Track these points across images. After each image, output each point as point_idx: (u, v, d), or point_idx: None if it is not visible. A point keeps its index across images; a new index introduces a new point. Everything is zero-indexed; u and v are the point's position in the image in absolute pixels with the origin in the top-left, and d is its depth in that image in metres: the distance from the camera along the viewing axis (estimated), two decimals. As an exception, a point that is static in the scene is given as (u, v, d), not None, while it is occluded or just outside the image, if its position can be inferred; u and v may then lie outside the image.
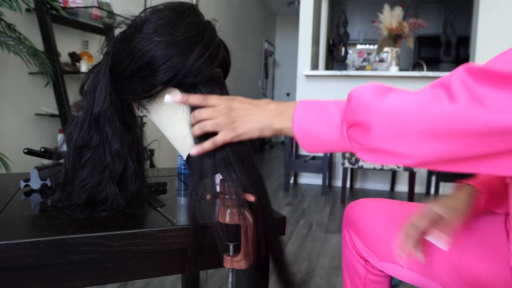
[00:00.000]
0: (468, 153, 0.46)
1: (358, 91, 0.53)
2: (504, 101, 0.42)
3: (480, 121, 0.43)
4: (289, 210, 2.90)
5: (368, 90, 0.52)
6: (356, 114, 0.52)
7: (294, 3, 6.95)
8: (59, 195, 0.68)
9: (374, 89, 0.52)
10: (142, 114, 0.72)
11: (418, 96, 0.48)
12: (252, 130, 0.61)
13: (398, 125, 0.48)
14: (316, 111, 0.57)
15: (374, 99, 0.51)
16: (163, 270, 0.64)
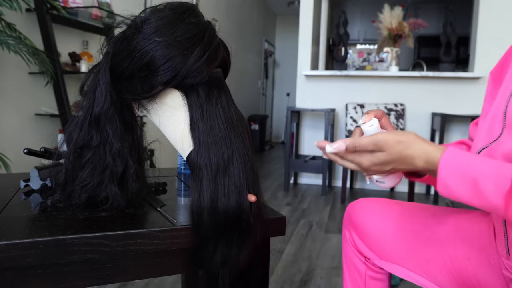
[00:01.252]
0: None
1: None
2: None
3: None
4: (289, 210, 2.90)
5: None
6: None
7: (294, 3, 6.94)
8: (59, 195, 0.67)
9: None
10: (142, 114, 0.72)
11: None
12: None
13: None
14: (466, 182, 0.52)
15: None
16: (163, 270, 0.64)
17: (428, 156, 0.55)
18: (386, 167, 0.59)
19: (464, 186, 0.52)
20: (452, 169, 0.53)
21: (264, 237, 0.65)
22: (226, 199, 0.61)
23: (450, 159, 0.54)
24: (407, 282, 1.71)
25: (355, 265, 0.91)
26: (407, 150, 0.56)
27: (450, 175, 0.53)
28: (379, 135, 0.58)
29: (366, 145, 0.58)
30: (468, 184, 0.52)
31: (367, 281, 0.89)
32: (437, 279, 0.77)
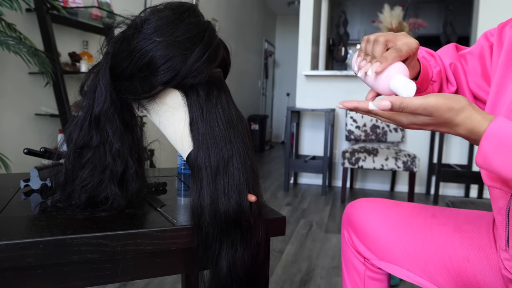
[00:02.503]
0: None
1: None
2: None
3: None
4: (289, 210, 2.90)
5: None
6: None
7: (294, 3, 6.95)
8: (59, 195, 0.67)
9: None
10: (142, 114, 0.72)
11: None
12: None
13: None
14: (507, 155, 0.51)
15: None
16: (163, 270, 0.64)
17: (474, 127, 0.53)
18: (426, 128, 0.57)
19: (505, 162, 0.51)
20: (494, 143, 0.52)
21: (264, 237, 0.65)
22: (226, 199, 0.61)
23: (494, 132, 0.52)
24: (407, 282, 1.71)
25: (354, 265, 0.91)
26: (456, 118, 0.54)
27: (492, 147, 0.52)
28: (430, 98, 0.53)
29: (415, 109, 0.54)
30: (509, 156, 0.51)
31: (366, 281, 0.89)
32: (437, 279, 0.77)
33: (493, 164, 0.52)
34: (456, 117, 0.54)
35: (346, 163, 3.15)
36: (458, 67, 0.80)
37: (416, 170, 3.00)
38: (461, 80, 0.79)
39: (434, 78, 0.78)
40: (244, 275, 0.62)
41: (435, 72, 0.78)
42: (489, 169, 0.53)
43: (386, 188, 3.76)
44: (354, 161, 3.13)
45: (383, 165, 3.07)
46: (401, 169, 3.03)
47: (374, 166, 3.09)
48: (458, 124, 0.54)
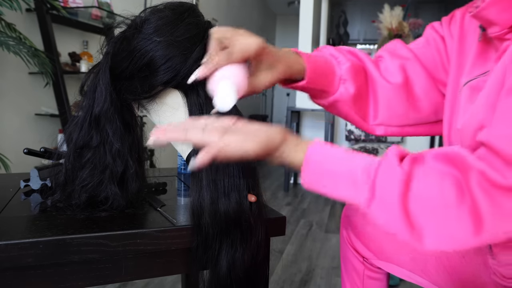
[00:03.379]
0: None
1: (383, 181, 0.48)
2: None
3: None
4: (289, 210, 2.90)
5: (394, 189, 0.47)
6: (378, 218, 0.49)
7: (294, 3, 6.94)
8: (59, 195, 0.67)
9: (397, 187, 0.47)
10: (142, 114, 0.72)
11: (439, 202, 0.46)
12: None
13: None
14: (327, 177, 0.52)
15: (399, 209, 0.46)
16: (163, 270, 0.64)
17: (288, 161, 0.54)
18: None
19: (327, 188, 0.52)
20: (312, 171, 0.52)
21: (264, 237, 0.65)
22: (226, 199, 0.61)
23: (311, 161, 0.52)
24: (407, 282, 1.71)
25: (353, 264, 0.90)
26: (273, 154, 0.54)
27: (311, 176, 0.52)
28: (249, 146, 0.51)
29: (238, 158, 0.52)
30: (331, 186, 0.52)
31: (365, 281, 0.89)
32: (436, 279, 0.77)
33: (318, 190, 0.53)
34: (272, 156, 0.53)
35: (346, 163, 3.14)
36: (410, 62, 0.76)
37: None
38: (418, 73, 0.76)
39: (344, 76, 0.72)
40: (244, 275, 0.62)
41: (344, 69, 0.72)
42: (318, 192, 0.54)
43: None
44: (354, 161, 3.12)
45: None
46: (401, 169, 3.02)
47: (374, 166, 3.09)
48: (274, 160, 0.54)
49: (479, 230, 0.43)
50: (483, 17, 0.58)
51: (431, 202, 0.46)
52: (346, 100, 0.73)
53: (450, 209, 0.44)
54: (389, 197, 0.47)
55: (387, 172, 0.48)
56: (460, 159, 0.47)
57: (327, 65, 0.71)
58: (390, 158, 0.50)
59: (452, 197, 0.45)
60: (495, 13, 0.55)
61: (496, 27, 0.56)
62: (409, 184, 0.46)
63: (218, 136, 0.51)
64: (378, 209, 0.48)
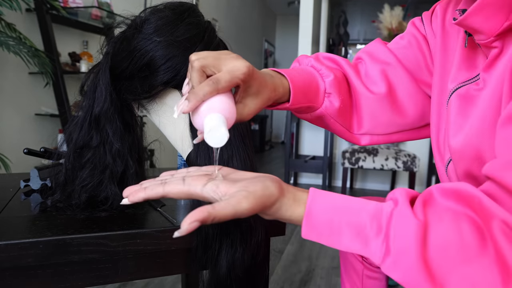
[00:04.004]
0: None
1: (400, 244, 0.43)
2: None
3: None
4: (289, 210, 2.90)
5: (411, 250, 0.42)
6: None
7: (294, 3, 6.95)
8: (59, 195, 0.67)
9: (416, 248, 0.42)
10: (142, 114, 0.72)
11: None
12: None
13: None
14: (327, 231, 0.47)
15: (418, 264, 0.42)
16: (163, 270, 0.64)
17: (285, 218, 0.48)
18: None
19: (335, 245, 0.47)
20: (316, 230, 0.47)
21: (264, 237, 0.65)
22: (226, 199, 0.61)
23: (312, 225, 0.47)
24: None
25: (352, 264, 0.91)
26: (268, 211, 0.47)
27: (316, 237, 0.47)
28: (243, 205, 0.44)
29: (229, 218, 0.45)
30: (338, 244, 0.47)
31: (364, 280, 0.89)
32: None
33: (323, 243, 0.48)
34: (269, 211, 0.47)
35: (346, 163, 3.15)
36: (392, 67, 0.74)
37: (416, 170, 3.00)
38: (400, 79, 0.74)
39: (328, 89, 0.69)
40: (243, 275, 0.63)
41: (328, 82, 0.69)
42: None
43: (386, 188, 3.75)
44: (354, 161, 3.12)
45: (383, 165, 3.06)
46: (401, 169, 3.03)
47: (374, 166, 3.09)
48: (269, 215, 0.48)
49: (508, 280, 0.40)
50: (467, 26, 0.54)
51: (451, 250, 0.42)
52: (331, 113, 0.71)
53: (473, 260, 0.41)
54: (406, 250, 0.43)
55: (400, 222, 0.44)
56: (473, 199, 0.43)
57: (310, 80, 0.68)
58: (401, 206, 0.45)
59: (473, 244, 0.41)
60: (480, 22, 0.52)
61: (481, 35, 0.53)
62: (426, 235, 0.43)
63: (201, 184, 0.45)
64: (394, 264, 0.44)
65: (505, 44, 0.52)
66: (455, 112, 0.60)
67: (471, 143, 0.54)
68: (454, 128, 0.59)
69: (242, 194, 0.44)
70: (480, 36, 0.54)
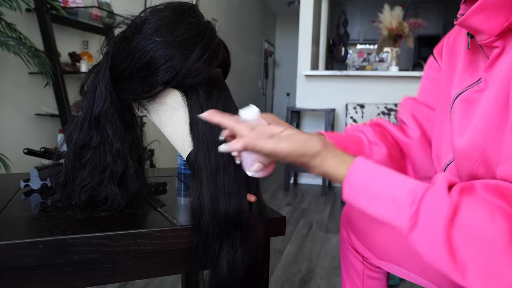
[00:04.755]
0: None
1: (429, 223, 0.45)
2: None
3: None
4: (289, 210, 2.90)
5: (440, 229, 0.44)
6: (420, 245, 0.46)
7: (294, 3, 6.94)
8: (59, 195, 0.67)
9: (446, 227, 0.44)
10: (142, 114, 0.72)
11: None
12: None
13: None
14: (370, 207, 0.51)
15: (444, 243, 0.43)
16: (163, 270, 0.64)
17: (329, 171, 0.55)
18: (283, 161, 0.57)
19: (370, 207, 0.51)
20: (356, 189, 0.52)
21: (264, 237, 0.65)
22: (226, 199, 0.61)
23: (354, 179, 0.52)
24: (407, 282, 1.71)
25: (353, 264, 0.91)
26: (309, 162, 0.55)
27: (355, 193, 0.52)
28: (283, 144, 0.53)
29: (268, 153, 0.55)
30: (374, 206, 0.51)
31: (364, 280, 0.89)
32: (435, 278, 0.77)
33: (359, 206, 0.53)
34: (310, 162, 0.55)
35: (346, 163, 3.14)
36: (424, 123, 0.79)
37: (416, 170, 2.99)
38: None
39: (371, 138, 0.78)
40: (244, 275, 0.63)
41: (369, 133, 0.78)
42: (359, 209, 0.54)
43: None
44: (354, 161, 3.12)
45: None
46: (401, 169, 3.02)
47: (374, 166, 3.09)
48: (313, 167, 0.55)
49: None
50: (468, 26, 0.56)
51: (478, 235, 0.42)
52: (381, 160, 0.75)
53: (499, 250, 0.41)
54: (433, 225, 0.44)
55: (434, 199, 0.46)
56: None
57: (350, 136, 0.74)
58: (438, 185, 0.47)
59: (503, 236, 0.41)
60: (480, 21, 0.53)
61: (483, 35, 0.54)
62: (456, 214, 0.44)
63: (265, 138, 0.54)
64: (420, 236, 0.46)
65: (506, 43, 0.52)
66: (459, 115, 0.61)
67: (476, 143, 0.54)
68: (458, 130, 0.60)
69: (285, 135, 0.53)
70: (481, 36, 0.55)
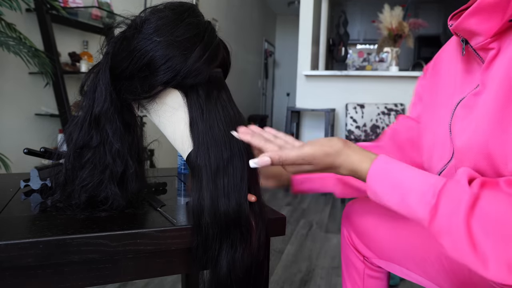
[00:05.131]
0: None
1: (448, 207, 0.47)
2: None
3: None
4: (289, 210, 2.90)
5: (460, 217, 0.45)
6: (441, 237, 0.48)
7: (294, 3, 6.94)
8: (59, 195, 0.67)
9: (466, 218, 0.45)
10: (142, 114, 0.72)
11: None
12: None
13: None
14: (394, 196, 0.54)
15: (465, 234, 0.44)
16: (163, 270, 0.64)
17: (354, 167, 0.58)
18: (310, 172, 0.61)
19: (393, 199, 0.54)
20: (380, 181, 0.55)
21: (264, 237, 0.65)
22: (226, 199, 0.61)
23: (377, 172, 0.56)
24: (407, 282, 1.71)
25: (354, 263, 0.91)
26: (335, 161, 0.59)
27: (378, 186, 0.55)
28: (306, 148, 0.58)
29: (294, 160, 0.58)
30: (396, 197, 0.53)
31: (365, 280, 0.89)
32: (435, 278, 0.77)
33: (383, 201, 0.56)
34: (336, 161, 0.58)
35: (346, 163, 3.14)
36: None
37: (416, 170, 2.99)
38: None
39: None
40: (244, 275, 0.62)
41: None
42: (381, 203, 0.57)
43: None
44: (354, 161, 3.12)
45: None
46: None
47: (374, 166, 3.09)
48: (339, 166, 0.58)
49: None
50: (465, 29, 0.56)
51: (499, 225, 0.43)
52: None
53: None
54: (453, 214, 0.45)
55: (454, 189, 0.47)
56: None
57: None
58: (459, 177, 0.48)
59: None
60: (476, 23, 0.54)
61: (479, 37, 0.55)
62: (476, 204, 0.44)
63: (289, 148, 0.59)
64: (440, 226, 0.46)
65: (502, 43, 0.53)
66: (460, 120, 0.62)
67: (478, 139, 0.55)
68: (459, 131, 0.61)
69: (306, 142, 0.58)
70: (477, 39, 0.55)
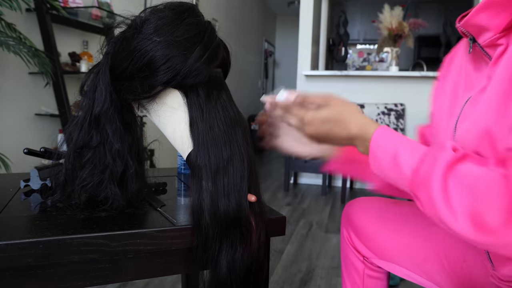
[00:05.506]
0: None
1: (427, 166, 0.51)
2: None
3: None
4: (289, 210, 2.90)
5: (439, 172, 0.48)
6: (419, 191, 0.51)
7: (294, 3, 6.94)
8: (59, 195, 0.67)
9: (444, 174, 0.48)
10: (142, 114, 0.72)
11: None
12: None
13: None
14: (389, 154, 0.57)
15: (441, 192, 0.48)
16: (163, 270, 0.64)
17: (364, 125, 0.61)
18: (324, 126, 0.63)
19: (387, 157, 0.57)
20: (382, 142, 0.58)
21: (264, 237, 0.65)
22: (226, 199, 0.61)
23: (384, 130, 0.59)
24: (407, 282, 1.71)
25: (353, 264, 0.91)
26: (348, 114, 0.62)
27: (379, 146, 0.58)
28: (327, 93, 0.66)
29: (315, 97, 0.65)
30: (390, 156, 0.56)
31: (365, 280, 0.89)
32: (435, 278, 0.77)
33: (381, 162, 0.57)
34: (348, 114, 0.62)
35: (346, 163, 3.14)
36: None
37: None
38: None
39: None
40: (244, 275, 0.62)
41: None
42: (378, 169, 0.58)
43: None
44: (354, 161, 3.12)
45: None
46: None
47: (374, 166, 3.09)
48: (351, 122, 0.61)
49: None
50: (474, 24, 0.57)
51: (472, 183, 0.46)
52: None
53: (491, 196, 0.44)
54: (433, 169, 0.49)
55: (437, 151, 0.51)
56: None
57: None
58: (444, 143, 0.52)
59: (496, 184, 0.44)
60: (486, 19, 0.55)
61: (488, 32, 0.55)
62: (456, 164, 0.48)
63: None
64: (419, 179, 0.51)
65: (510, 39, 0.53)
66: (467, 117, 0.62)
67: (478, 125, 0.56)
68: (462, 120, 0.62)
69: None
70: (486, 35, 0.56)
